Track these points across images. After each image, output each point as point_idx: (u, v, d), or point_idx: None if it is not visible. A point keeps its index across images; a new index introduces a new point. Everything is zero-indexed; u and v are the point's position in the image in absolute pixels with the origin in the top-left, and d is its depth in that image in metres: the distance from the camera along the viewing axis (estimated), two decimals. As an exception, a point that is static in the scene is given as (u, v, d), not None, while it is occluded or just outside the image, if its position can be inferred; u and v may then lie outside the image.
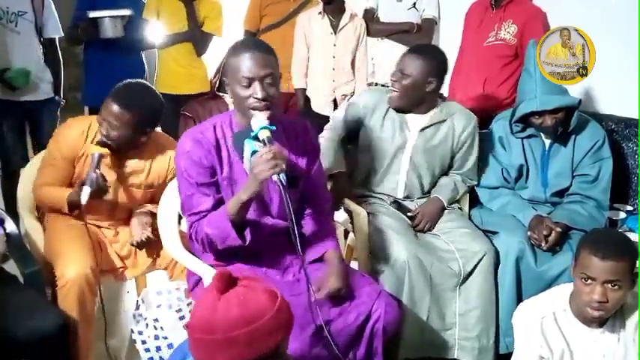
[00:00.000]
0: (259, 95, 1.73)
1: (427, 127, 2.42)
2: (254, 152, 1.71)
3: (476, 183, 2.56)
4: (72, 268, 2.04)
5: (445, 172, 2.55)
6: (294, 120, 1.98)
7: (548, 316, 1.75)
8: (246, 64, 1.74)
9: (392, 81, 2.39)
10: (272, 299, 1.22)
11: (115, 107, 2.12)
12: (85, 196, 2.06)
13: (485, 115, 2.93)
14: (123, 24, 3.21)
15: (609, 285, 1.61)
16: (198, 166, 1.82)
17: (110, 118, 2.13)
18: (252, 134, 1.72)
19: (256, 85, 1.73)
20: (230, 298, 1.20)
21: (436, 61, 2.35)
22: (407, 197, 2.51)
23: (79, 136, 2.23)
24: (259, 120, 1.72)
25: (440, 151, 2.45)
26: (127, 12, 3.21)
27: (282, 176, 1.65)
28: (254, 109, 1.74)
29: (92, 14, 3.15)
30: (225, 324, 1.17)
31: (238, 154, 1.82)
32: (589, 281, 1.63)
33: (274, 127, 1.73)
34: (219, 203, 1.84)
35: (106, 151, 2.15)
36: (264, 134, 1.69)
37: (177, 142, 1.90)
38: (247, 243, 1.79)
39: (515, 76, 2.91)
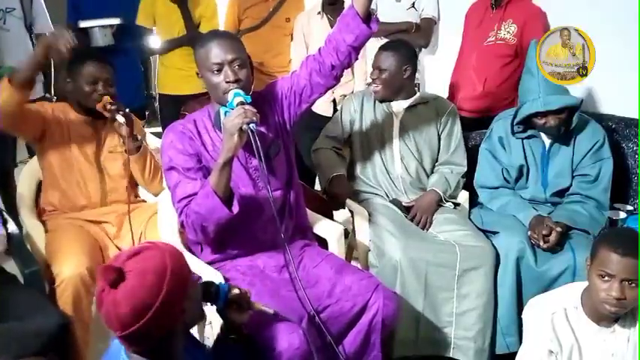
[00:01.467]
0: (231, 78, 1.81)
1: (410, 107, 2.62)
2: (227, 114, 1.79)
3: (465, 168, 2.61)
4: (68, 267, 2.06)
5: (435, 159, 2.65)
6: (262, 92, 2.05)
7: (559, 311, 1.75)
8: (214, 51, 1.82)
9: (372, 79, 2.59)
10: (160, 253, 1.28)
11: (101, 66, 2.32)
12: (120, 118, 2.25)
13: (485, 114, 2.94)
14: (112, 32, 3.23)
15: (627, 283, 1.61)
16: (183, 154, 1.88)
17: (103, 74, 2.31)
18: (228, 104, 1.80)
19: (227, 69, 1.82)
20: (132, 279, 1.23)
21: (405, 50, 2.60)
22: (407, 173, 2.59)
23: (48, 106, 2.40)
24: (233, 90, 1.80)
25: (425, 127, 2.61)
26: (116, 21, 3.24)
27: (252, 126, 1.71)
28: (228, 92, 1.81)
29: (82, 24, 3.17)
30: (151, 294, 1.23)
31: (218, 128, 1.90)
32: (607, 278, 1.63)
33: (249, 98, 1.79)
34: None
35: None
36: (238, 100, 1.77)
37: (162, 137, 1.97)
38: (235, 213, 1.80)
39: (515, 75, 2.91)
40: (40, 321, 1.80)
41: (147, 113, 3.81)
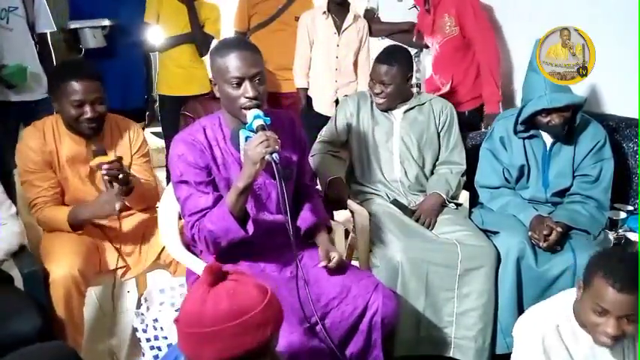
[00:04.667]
0: (250, 94, 1.76)
1: (409, 110, 2.61)
2: (247, 139, 1.75)
3: (464, 167, 2.62)
4: (59, 267, 2.05)
5: (435, 159, 2.65)
6: (280, 113, 2.01)
7: (551, 330, 1.66)
8: (235, 64, 1.75)
9: (375, 93, 2.55)
10: (262, 293, 1.22)
11: (85, 84, 2.12)
12: (118, 204, 2.09)
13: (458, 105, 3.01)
14: (104, 34, 3.20)
15: (625, 319, 1.51)
16: (194, 167, 1.83)
17: (89, 96, 2.13)
18: (247, 126, 1.76)
19: (247, 84, 1.76)
20: (219, 292, 1.19)
21: (404, 59, 2.56)
22: (406, 177, 2.60)
23: (40, 140, 2.22)
24: (252, 111, 1.75)
25: (425, 128, 2.60)
26: (106, 22, 3.20)
27: (275, 156, 1.68)
28: (246, 108, 1.77)
29: (72, 25, 3.16)
30: (213, 317, 1.17)
31: (235, 147, 1.86)
32: (603, 312, 1.53)
33: (268, 119, 1.76)
34: (218, 200, 1.84)
35: (107, 158, 2.13)
36: (258, 123, 1.73)
37: (170, 147, 1.91)
38: (250, 234, 1.79)
39: (474, 62, 3.06)
40: (17, 324, 1.79)
41: (147, 114, 3.79)
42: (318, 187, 2.45)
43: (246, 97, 1.76)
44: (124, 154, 2.31)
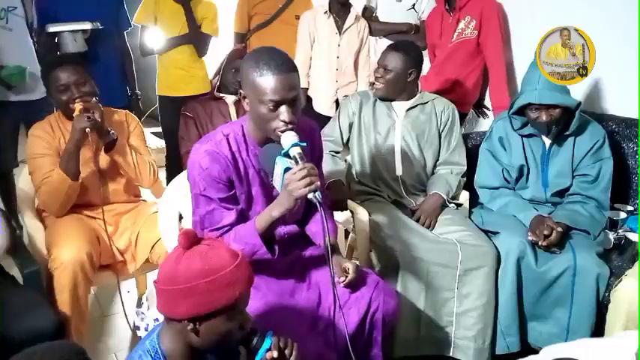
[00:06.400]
0: (287, 119, 1.66)
1: (412, 108, 2.63)
2: (287, 169, 1.67)
3: (465, 167, 2.63)
4: (68, 251, 2.08)
5: (436, 159, 2.66)
6: (302, 121, 1.91)
7: None
8: (273, 86, 1.64)
9: (376, 76, 2.61)
10: (233, 256, 1.35)
11: (67, 70, 2.28)
12: (86, 117, 2.20)
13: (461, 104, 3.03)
14: (84, 38, 3.12)
15: None
16: (217, 182, 1.77)
17: (72, 78, 2.27)
18: (283, 151, 1.68)
19: (284, 109, 1.66)
20: (193, 253, 1.32)
21: (414, 54, 2.59)
22: (407, 174, 2.60)
23: (47, 129, 2.36)
24: (289, 137, 1.67)
25: (427, 128, 2.62)
26: (87, 26, 3.11)
27: (318, 194, 1.61)
28: (281, 131, 1.68)
29: (51, 28, 3.07)
30: (186, 274, 1.29)
31: (268, 171, 1.78)
32: None
33: (305, 144, 1.69)
34: (240, 214, 1.81)
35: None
36: (296, 151, 1.65)
37: (191, 155, 1.81)
38: (276, 256, 1.78)
39: (480, 66, 3.09)
40: (36, 320, 1.80)
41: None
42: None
43: (282, 121, 1.67)
44: (120, 135, 2.41)
